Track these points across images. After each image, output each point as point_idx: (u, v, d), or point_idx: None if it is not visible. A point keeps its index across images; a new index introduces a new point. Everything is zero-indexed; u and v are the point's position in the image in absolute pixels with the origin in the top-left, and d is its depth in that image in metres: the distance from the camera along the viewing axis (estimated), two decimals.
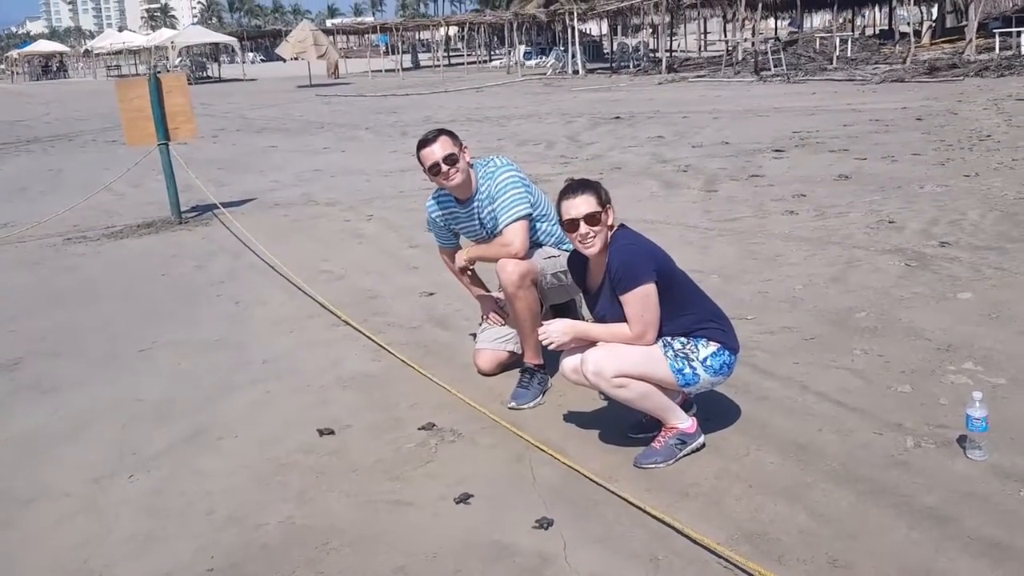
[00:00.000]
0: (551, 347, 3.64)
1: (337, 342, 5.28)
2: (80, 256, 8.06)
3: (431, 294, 6.07)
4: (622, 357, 3.44)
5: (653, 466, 3.50)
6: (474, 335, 4.91)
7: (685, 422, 3.57)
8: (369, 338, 5.20)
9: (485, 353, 4.63)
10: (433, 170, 4.29)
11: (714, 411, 3.88)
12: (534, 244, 4.40)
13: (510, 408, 4.16)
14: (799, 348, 4.65)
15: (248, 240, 7.86)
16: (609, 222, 3.52)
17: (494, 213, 4.34)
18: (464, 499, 3.36)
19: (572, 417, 4.03)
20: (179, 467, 3.80)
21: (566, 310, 4.85)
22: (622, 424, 3.84)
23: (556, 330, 3.57)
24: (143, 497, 3.56)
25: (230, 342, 5.42)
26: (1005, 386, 4.00)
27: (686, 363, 3.48)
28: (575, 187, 3.54)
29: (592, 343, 3.56)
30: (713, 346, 3.53)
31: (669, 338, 3.51)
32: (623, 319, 3.47)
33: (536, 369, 4.33)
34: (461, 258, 4.49)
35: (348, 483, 3.56)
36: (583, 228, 3.47)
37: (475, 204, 4.41)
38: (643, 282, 3.40)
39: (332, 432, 3.99)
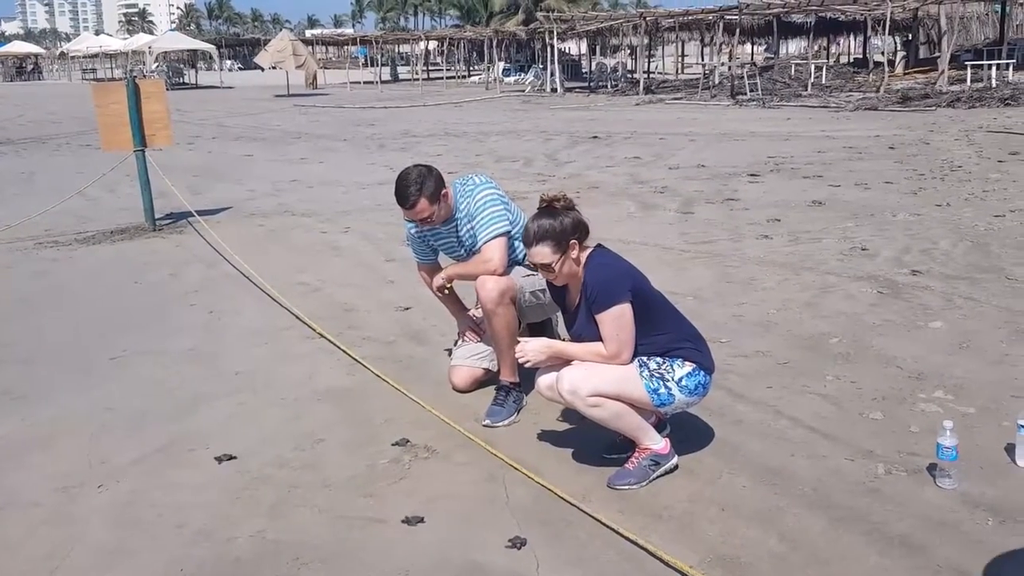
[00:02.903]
0: (527, 365, 3.64)
1: (312, 355, 5.25)
2: (52, 261, 7.98)
3: (407, 309, 6.07)
4: (597, 376, 3.45)
5: (627, 487, 3.51)
6: (450, 351, 4.91)
7: (658, 443, 3.59)
8: (344, 352, 5.19)
9: (461, 370, 4.62)
10: (413, 221, 4.39)
11: (688, 434, 3.90)
12: (513, 262, 4.41)
13: (484, 426, 4.16)
14: (773, 372, 4.69)
15: (223, 249, 7.81)
16: (574, 255, 3.53)
17: (473, 231, 4.35)
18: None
19: (547, 436, 4.04)
20: (150, 479, 3.76)
21: (542, 329, 4.86)
22: (596, 444, 3.85)
23: (532, 349, 3.59)
24: (113, 508, 3.52)
25: (203, 352, 5.38)
26: (975, 415, 4.05)
27: (661, 383, 3.50)
28: (532, 235, 3.50)
29: (568, 361, 3.57)
30: (689, 366, 3.55)
31: (645, 358, 3.53)
32: (599, 338, 3.49)
33: (512, 387, 4.33)
34: (440, 278, 4.50)
35: (321, 498, 3.54)
36: (541, 273, 3.60)
37: (455, 222, 4.42)
38: (618, 302, 3.43)
39: (233, 457, 3.90)
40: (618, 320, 3.45)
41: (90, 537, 3.31)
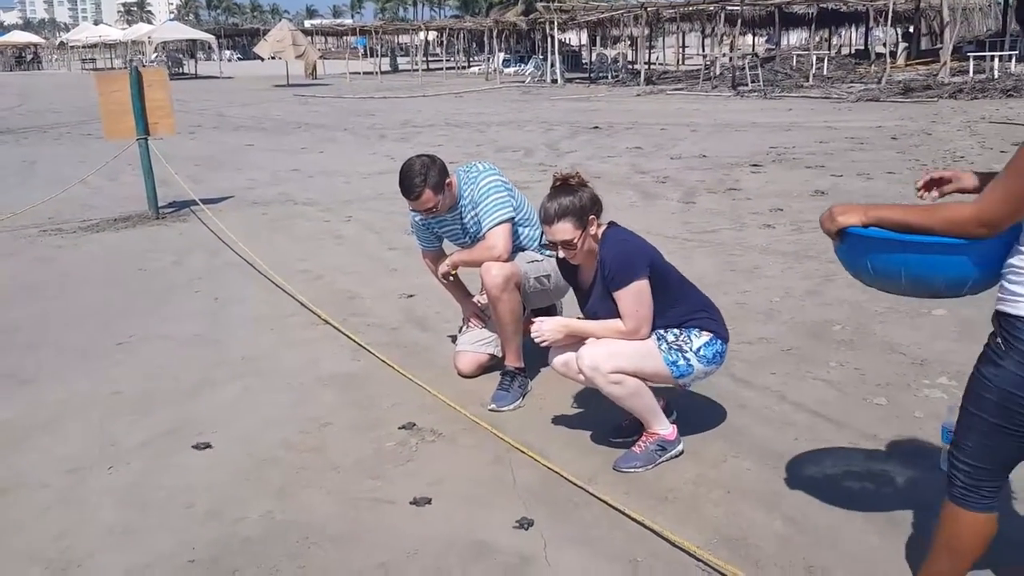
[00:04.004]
0: (543, 344, 3.65)
1: (316, 341, 5.27)
2: (56, 248, 8.00)
3: (411, 296, 6.08)
4: (617, 352, 3.47)
5: (632, 470, 3.54)
6: (454, 337, 4.93)
7: (666, 428, 3.61)
8: (349, 337, 5.21)
9: (465, 355, 4.65)
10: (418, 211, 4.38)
11: (693, 418, 3.92)
12: (517, 248, 4.43)
13: (490, 410, 4.18)
14: (776, 359, 4.71)
15: (226, 237, 7.83)
16: (592, 231, 3.54)
17: (477, 217, 4.37)
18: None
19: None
20: (158, 460, 3.79)
21: (547, 314, 4.87)
22: (602, 427, 3.88)
23: (549, 328, 3.60)
24: (122, 489, 3.54)
25: (208, 338, 5.40)
26: None
27: (680, 355, 3.52)
28: (553, 213, 3.48)
29: (581, 340, 3.59)
30: (705, 336, 3.57)
31: (662, 331, 3.55)
32: (615, 315, 3.51)
33: (517, 372, 4.35)
34: (445, 265, 4.51)
35: (328, 480, 3.57)
36: (561, 252, 3.55)
37: (459, 209, 4.44)
38: (636, 279, 3.44)
39: (209, 446, 3.90)
40: (636, 297, 3.46)
41: (100, 518, 3.34)
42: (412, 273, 6.32)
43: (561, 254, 3.55)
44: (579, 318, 3.79)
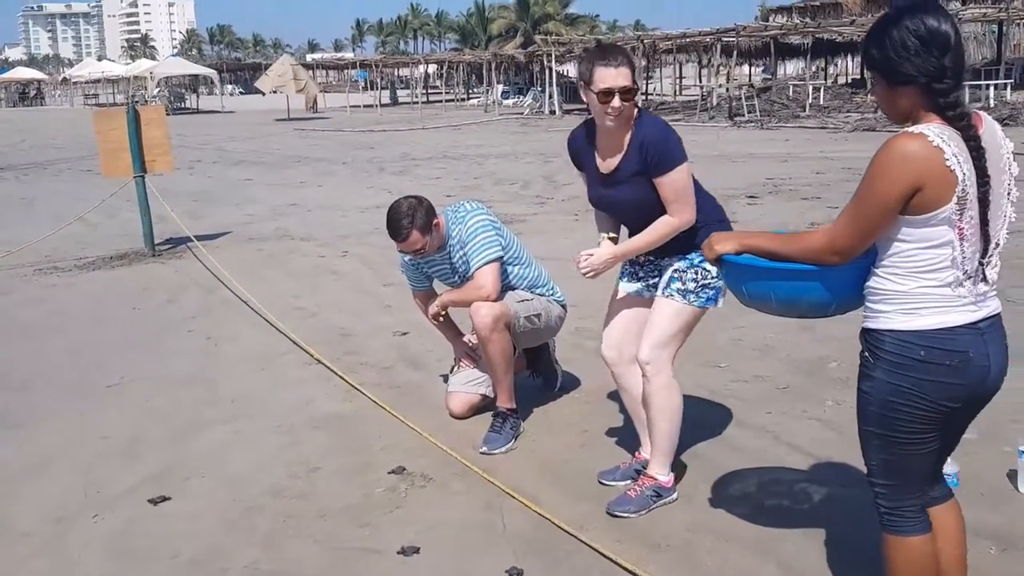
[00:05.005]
0: (591, 276, 3.53)
1: (309, 381, 5.23)
2: (51, 287, 7.97)
3: (404, 333, 6.05)
4: (666, 339, 3.46)
5: (625, 515, 3.48)
6: (446, 377, 4.89)
7: (665, 476, 3.56)
8: (341, 378, 5.17)
9: (457, 396, 4.60)
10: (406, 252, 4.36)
11: (687, 461, 3.87)
12: (506, 288, 4.41)
13: (482, 453, 4.13)
14: (772, 398, 4.66)
15: (221, 275, 7.81)
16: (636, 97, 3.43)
17: (466, 257, 4.35)
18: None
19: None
20: (144, 508, 3.73)
21: (538, 353, 4.84)
22: (594, 471, 3.83)
23: (600, 262, 3.47)
24: (107, 538, 3.49)
25: (200, 379, 5.36)
26: (975, 441, 3.99)
27: (706, 291, 3.48)
28: (613, 54, 3.33)
29: (614, 315, 3.65)
30: None
31: (680, 283, 3.48)
32: (642, 204, 3.42)
33: (509, 414, 4.30)
34: (434, 306, 4.48)
35: (316, 528, 3.51)
36: (617, 101, 3.29)
37: (447, 249, 4.42)
38: (681, 160, 3.38)
39: (168, 499, 3.80)
40: (683, 178, 3.39)
41: (83, 569, 3.29)
42: (406, 310, 6.27)
43: (615, 103, 3.28)
44: (608, 237, 3.56)
